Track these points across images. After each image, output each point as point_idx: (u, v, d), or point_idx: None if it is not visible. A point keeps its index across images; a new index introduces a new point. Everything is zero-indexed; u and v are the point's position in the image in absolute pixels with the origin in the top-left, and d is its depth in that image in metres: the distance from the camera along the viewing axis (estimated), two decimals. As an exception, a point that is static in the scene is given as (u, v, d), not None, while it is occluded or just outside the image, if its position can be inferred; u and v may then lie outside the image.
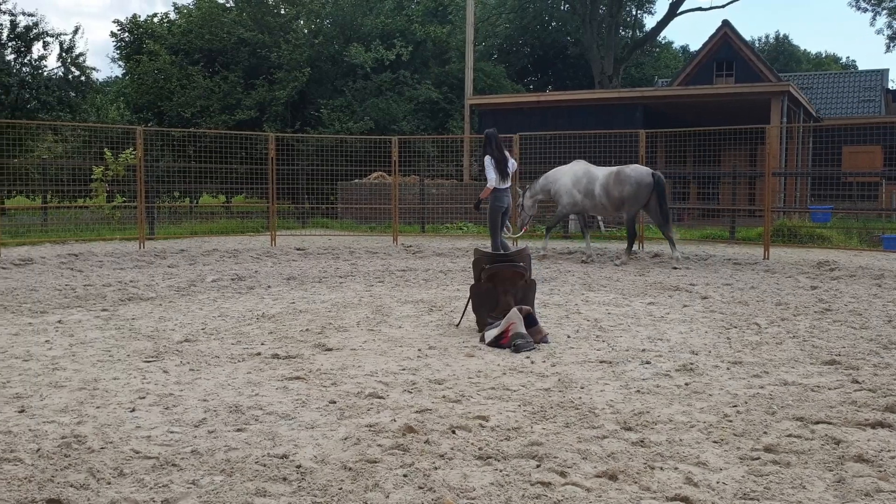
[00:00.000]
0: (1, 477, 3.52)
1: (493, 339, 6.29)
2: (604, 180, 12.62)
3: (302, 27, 27.72)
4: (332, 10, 26.96)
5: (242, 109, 24.99)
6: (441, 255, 14.07)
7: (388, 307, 8.26)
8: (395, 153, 16.84)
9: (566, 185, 12.84)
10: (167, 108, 25.57)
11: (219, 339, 6.61)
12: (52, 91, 27.41)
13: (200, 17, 27.30)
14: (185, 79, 25.48)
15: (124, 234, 16.35)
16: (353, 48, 25.51)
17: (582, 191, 12.76)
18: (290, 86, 25.04)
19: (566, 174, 12.94)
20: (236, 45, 26.44)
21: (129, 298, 8.85)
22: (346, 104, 25.76)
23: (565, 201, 12.90)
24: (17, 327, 7.05)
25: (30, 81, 27.28)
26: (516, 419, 4.37)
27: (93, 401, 4.72)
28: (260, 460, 3.72)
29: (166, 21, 29.44)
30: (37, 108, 26.83)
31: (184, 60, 26.19)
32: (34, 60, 27.97)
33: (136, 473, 3.57)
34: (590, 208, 13.01)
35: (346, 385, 5.08)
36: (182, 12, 29.46)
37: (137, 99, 27.06)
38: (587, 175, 12.83)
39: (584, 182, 12.76)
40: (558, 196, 12.95)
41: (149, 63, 26.00)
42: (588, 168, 13.01)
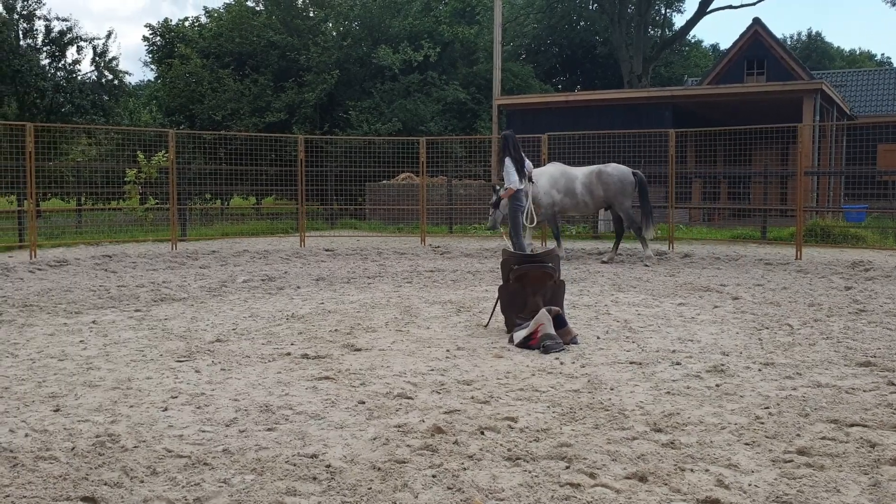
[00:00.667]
0: (37, 475, 3.58)
1: (521, 340, 6.28)
2: (585, 179, 12.89)
3: (330, 30, 27.87)
4: (360, 12, 27.07)
5: (272, 112, 25.19)
6: (469, 256, 14.07)
7: (417, 308, 8.28)
8: (422, 154, 16.86)
9: (544, 186, 12.80)
10: (198, 111, 25.85)
11: (249, 339, 6.67)
12: (85, 95, 27.85)
13: (231, 20, 27.57)
14: (215, 82, 25.74)
15: (157, 235, 16.56)
16: (381, 50, 25.60)
17: (561, 190, 12.86)
18: (319, 88, 25.19)
19: (542, 176, 12.89)
20: (266, 49, 26.65)
21: (161, 299, 8.96)
22: (374, 106, 25.86)
23: (545, 202, 12.82)
24: (52, 327, 7.17)
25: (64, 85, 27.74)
26: (545, 420, 4.36)
27: (126, 400, 4.79)
28: (290, 460, 3.75)
29: (197, 25, 29.77)
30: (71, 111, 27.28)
31: (214, 64, 26.46)
32: (68, 65, 28.45)
33: (168, 472, 3.62)
34: (570, 207, 13.13)
35: (374, 385, 5.10)
36: (213, 16, 29.78)
37: (169, 102, 27.39)
38: (565, 175, 13.00)
39: (563, 182, 12.89)
40: (537, 198, 12.84)
41: (180, 67, 26.30)
42: (564, 168, 13.25)
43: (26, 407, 4.64)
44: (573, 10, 40.71)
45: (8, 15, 26.96)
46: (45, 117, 26.26)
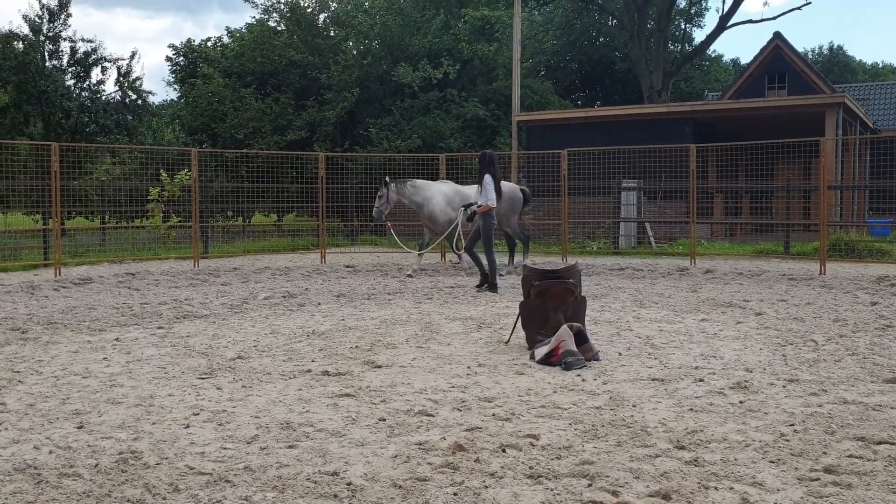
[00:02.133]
0: (60, 491, 3.60)
1: (543, 356, 6.25)
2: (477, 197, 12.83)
3: (351, 48, 28.08)
4: (380, 31, 27.25)
5: (293, 130, 25.37)
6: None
7: (437, 324, 8.27)
8: (442, 170, 16.90)
9: (439, 204, 13.15)
10: (221, 130, 26.10)
11: (270, 356, 6.70)
12: (110, 115, 28.21)
13: (252, 40, 27.86)
14: (237, 101, 25.99)
15: (179, 253, 16.69)
16: (400, 68, 25.74)
17: (456, 208, 13.01)
18: (340, 106, 25.36)
19: (437, 194, 13.25)
20: (287, 68, 26.89)
21: (183, 316, 9.02)
22: (394, 123, 25.98)
23: (441, 220, 13.13)
24: (76, 345, 7.23)
25: (89, 105, 28.12)
26: (567, 438, 4.33)
27: (149, 417, 4.82)
28: (311, 477, 3.75)
29: (220, 45, 30.11)
30: (95, 131, 27.63)
31: (237, 83, 26.73)
32: (93, 85, 28.83)
33: (190, 489, 3.63)
34: (464, 224, 13.10)
35: (395, 402, 5.09)
36: (235, 36, 30.11)
37: (192, 121, 27.67)
38: (458, 193, 13.30)
39: (458, 200, 13.10)
40: (433, 216, 13.20)
41: (203, 86, 26.59)
42: (456, 186, 13.62)
43: (50, 424, 4.67)
44: (592, 27, 40.77)
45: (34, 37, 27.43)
46: (70, 137, 26.62)
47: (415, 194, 13.28)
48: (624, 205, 18.66)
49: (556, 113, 26.15)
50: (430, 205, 13.17)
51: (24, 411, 4.94)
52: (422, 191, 13.32)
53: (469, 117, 26.69)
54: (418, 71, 25.77)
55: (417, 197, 13.27)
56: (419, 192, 13.30)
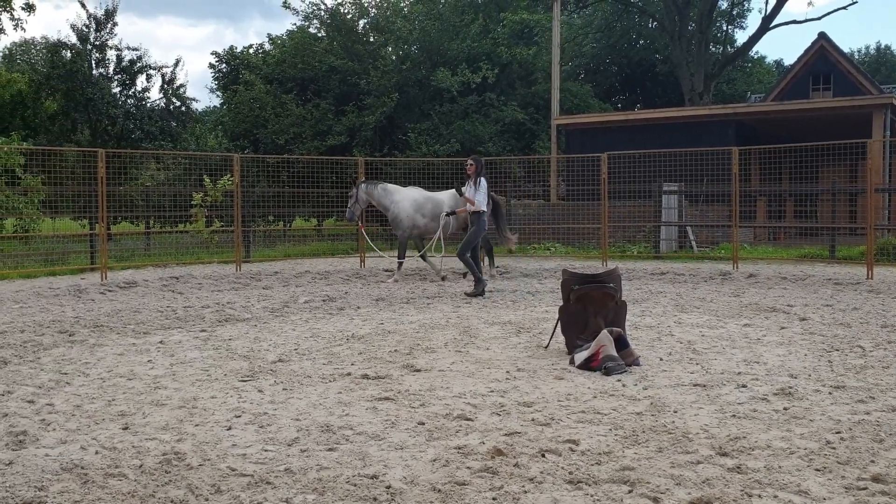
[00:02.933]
0: (106, 491, 3.67)
1: (583, 361, 6.21)
2: (452, 203, 13.04)
3: (390, 54, 28.22)
4: (419, 36, 27.35)
5: (333, 135, 25.57)
6: (528, 276, 14.01)
7: (476, 328, 8.27)
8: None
9: (406, 209, 13.10)
10: (262, 136, 26.41)
11: (311, 359, 6.75)
12: (154, 121, 28.70)
13: (293, 46, 28.15)
14: (279, 107, 26.27)
15: (222, 257, 16.92)
16: (439, 72, 25.80)
17: (428, 215, 13.06)
18: (379, 111, 25.49)
19: (406, 199, 13.15)
20: (327, 73, 27.12)
21: (226, 319, 9.14)
22: (432, 127, 26.04)
23: (406, 225, 13.12)
24: (121, 347, 7.37)
25: (134, 113, 28.65)
26: (607, 443, 4.29)
27: (192, 419, 4.89)
28: (351, 480, 3.77)
29: (261, 52, 30.48)
30: (140, 137, 28.14)
31: (278, 89, 27.02)
32: (138, 92, 29.36)
33: (232, 490, 3.67)
34: (435, 230, 13.13)
35: (434, 406, 5.10)
36: (276, 43, 30.45)
37: (234, 127, 28.03)
38: (430, 200, 13.23)
39: (430, 207, 13.11)
40: (396, 220, 13.13)
41: (245, 92, 26.93)
42: (427, 193, 13.48)
43: (97, 425, 4.77)
44: (632, 29, 40.44)
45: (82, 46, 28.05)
46: (116, 143, 27.14)
47: (383, 197, 13.25)
48: (665, 208, 18.47)
49: (596, 116, 25.99)
50: (397, 209, 13.12)
51: (71, 412, 5.04)
52: (391, 194, 13.27)
53: (508, 121, 26.65)
54: (457, 75, 25.81)
55: (386, 200, 13.23)
56: (388, 195, 13.26)
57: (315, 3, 29.11)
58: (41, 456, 4.16)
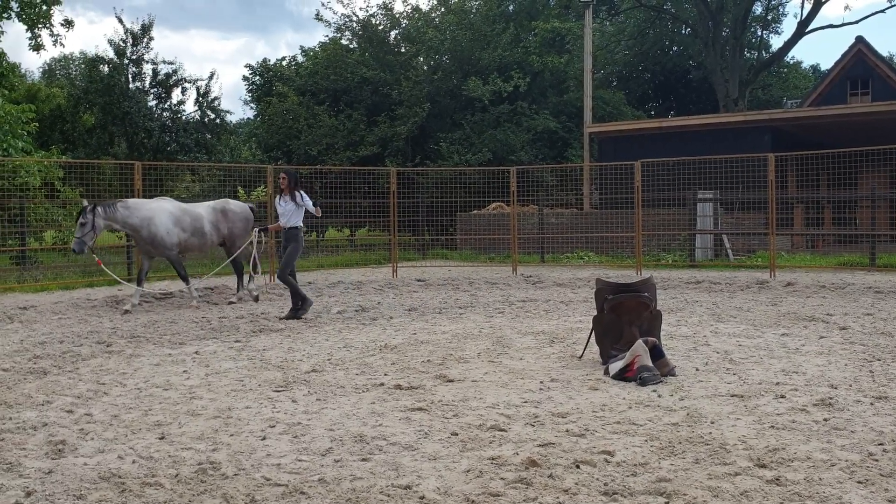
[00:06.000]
0: (143, 500, 3.71)
1: (617, 371, 6.16)
2: (212, 217, 12.02)
3: (421, 64, 28.34)
4: (450, 45, 27.43)
5: (365, 146, 25.73)
6: (562, 286, 13.93)
7: (509, 338, 8.23)
8: (513, 183, 16.88)
9: (165, 224, 11.39)
10: (295, 147, 26.65)
11: (344, 369, 6.77)
12: (189, 134, 29.15)
13: (326, 58, 28.40)
14: (311, 118, 26.50)
15: (255, 267, 17.06)
16: (471, 82, 25.85)
17: (188, 229, 11.66)
18: (411, 121, 25.60)
19: (161, 213, 11.43)
20: (359, 84, 27.31)
21: (260, 330, 9.21)
22: (464, 137, 26.08)
23: (168, 242, 11.40)
24: (157, 358, 7.46)
25: (170, 125, 29.13)
26: (643, 454, 4.24)
27: (227, 429, 4.92)
28: (384, 490, 3.77)
29: (294, 64, 30.80)
30: (176, 150, 28.59)
31: (310, 101, 27.26)
32: (174, 105, 29.87)
33: (266, 500, 3.69)
34: (197, 247, 12.09)
35: (467, 417, 5.08)
36: (308, 55, 30.77)
37: (268, 139, 28.34)
38: (188, 213, 11.81)
39: (189, 220, 11.70)
40: (156, 239, 11.30)
41: (278, 104, 27.21)
42: (184, 206, 12.07)
43: (133, 434, 4.82)
44: (665, 36, 40.16)
45: (119, 60, 28.59)
46: (153, 156, 27.59)
47: (129, 216, 11.14)
48: (700, 216, 18.28)
49: (629, 124, 25.83)
50: (152, 226, 11.24)
51: (108, 422, 5.11)
52: (138, 211, 11.24)
53: (540, 130, 26.60)
54: (488, 84, 25.84)
55: (133, 219, 11.16)
56: (134, 213, 11.19)
57: (347, 15, 29.40)
58: (80, 465, 4.22)
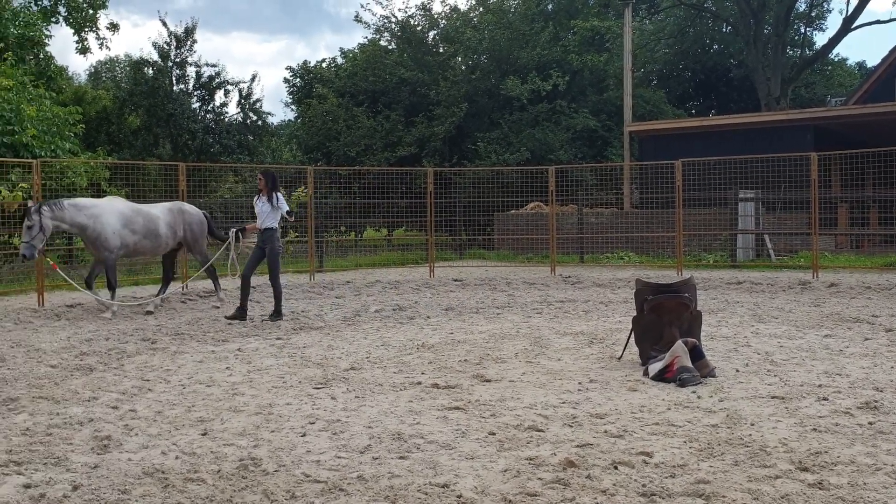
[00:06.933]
0: (185, 495, 3.78)
1: (657, 372, 6.12)
2: (168, 218, 11.39)
3: (459, 64, 28.36)
4: (488, 45, 27.40)
5: (403, 146, 25.82)
6: (601, 286, 13.84)
7: (547, 339, 8.22)
8: (551, 183, 16.82)
9: (113, 225, 10.70)
10: (334, 148, 26.85)
11: (382, 367, 6.82)
12: (232, 135, 29.52)
13: (364, 60, 28.58)
14: (350, 119, 26.68)
15: (296, 267, 17.25)
16: (509, 81, 25.79)
17: (140, 231, 10.97)
18: (449, 121, 25.63)
19: (107, 212, 10.73)
20: (398, 85, 27.42)
21: (300, 328, 9.32)
22: (502, 136, 26.03)
23: (113, 244, 10.67)
24: (201, 355, 7.59)
25: (213, 127, 29.53)
26: (682, 456, 4.21)
27: (268, 425, 5.00)
28: (422, 488, 3.80)
29: (334, 66, 31.04)
30: (219, 151, 28.97)
31: (349, 102, 27.45)
32: (216, 107, 30.26)
33: (306, 497, 3.74)
34: (149, 249, 11.39)
35: (505, 417, 5.09)
36: (348, 56, 30.99)
37: (308, 140, 28.59)
38: (142, 214, 11.11)
39: (142, 222, 11.01)
40: (101, 239, 10.59)
41: (318, 106, 27.44)
42: (136, 206, 11.35)
43: (177, 430, 4.92)
44: (706, 34, 39.65)
45: (163, 63, 29.07)
46: (196, 157, 27.99)
47: (76, 215, 10.50)
48: (741, 216, 18.03)
49: (670, 122, 25.57)
50: (98, 224, 10.57)
51: (152, 418, 5.22)
52: (86, 210, 10.62)
53: (579, 128, 26.45)
54: (527, 83, 25.76)
55: (81, 218, 10.52)
56: (83, 211, 10.57)
57: (386, 17, 29.53)
58: (124, 460, 4.32)
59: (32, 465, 4.21)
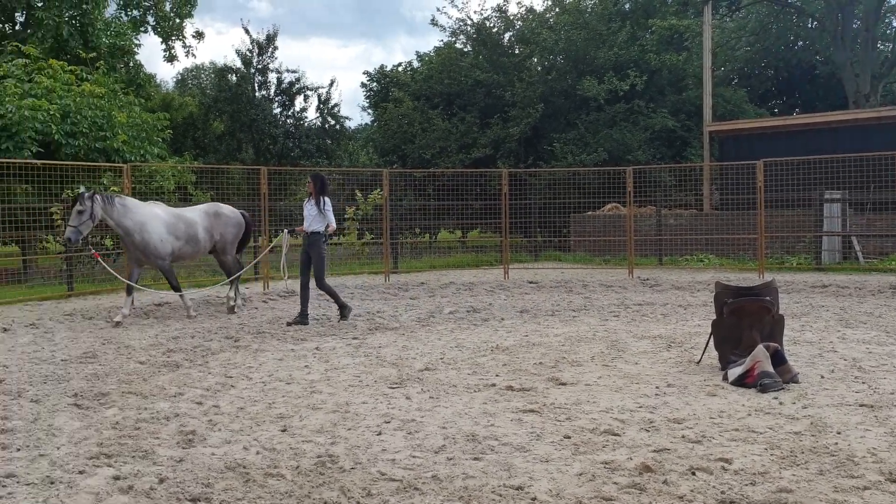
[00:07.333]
0: (265, 490, 3.89)
1: (737, 377, 5.98)
2: (206, 222, 11.08)
3: (535, 65, 28.26)
4: (564, 45, 27.21)
5: (478, 148, 25.88)
6: (680, 289, 13.58)
7: (624, 342, 8.11)
8: (629, 184, 16.59)
9: (159, 232, 10.40)
10: (410, 151, 27.10)
11: (456, 368, 6.86)
12: (311, 140, 30.15)
13: (440, 62, 28.76)
14: (425, 122, 26.89)
15: (371, 268, 17.48)
16: (585, 81, 25.56)
17: (182, 237, 10.67)
18: (524, 122, 25.56)
19: (152, 219, 10.44)
20: (473, 87, 27.50)
21: (376, 328, 9.45)
22: (578, 137, 25.82)
23: (163, 251, 10.41)
24: (281, 353, 7.78)
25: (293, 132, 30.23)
26: (762, 463, 4.11)
27: (345, 423, 5.09)
28: (496, 490, 3.81)
29: (410, 69, 31.34)
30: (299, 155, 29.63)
31: (425, 105, 27.67)
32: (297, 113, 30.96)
33: (382, 495, 3.80)
34: (190, 255, 11.09)
35: (580, 420, 5.06)
36: (423, 60, 31.24)
37: (384, 143, 28.96)
38: (182, 219, 10.82)
39: (183, 227, 10.72)
40: (148, 247, 10.27)
41: (394, 109, 27.76)
42: (176, 211, 11.08)
43: (258, 426, 5.06)
44: (789, 30, 38.40)
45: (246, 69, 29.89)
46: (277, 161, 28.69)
47: (124, 216, 10.18)
48: (827, 217, 17.42)
49: (751, 122, 24.91)
50: (145, 233, 10.26)
51: (235, 414, 5.37)
52: (133, 213, 10.28)
53: (657, 129, 26.02)
54: (604, 83, 25.50)
55: (127, 220, 10.19)
56: (129, 214, 10.24)
57: (461, 19, 29.65)
58: (207, 454, 4.46)
59: (121, 458, 4.40)
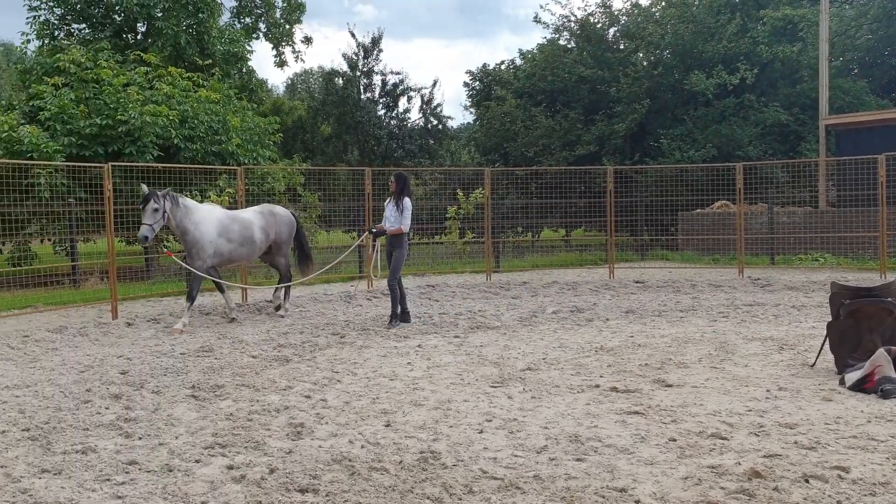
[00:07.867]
0: (370, 483, 3.98)
1: (855, 382, 5.70)
2: (262, 223, 10.79)
3: (641, 60, 27.69)
4: (671, 40, 26.54)
5: (582, 145, 25.57)
6: (793, 289, 13.03)
7: (733, 344, 7.86)
8: (739, 180, 16.03)
9: (210, 234, 10.18)
10: (512, 149, 27.04)
11: (558, 369, 6.81)
12: (414, 140, 30.56)
13: (543, 59, 28.56)
14: (528, 120, 26.76)
15: (473, 267, 17.55)
16: (693, 76, 24.86)
17: (237, 239, 10.43)
18: (629, 118, 25.10)
19: (209, 222, 10.25)
20: (576, 84, 27.20)
21: (477, 326, 9.48)
22: (686, 133, 25.14)
23: (206, 253, 10.12)
24: (384, 350, 7.93)
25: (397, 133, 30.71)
26: (883, 473, 3.91)
27: (446, 420, 5.14)
28: (598, 491, 3.77)
29: (512, 67, 31.28)
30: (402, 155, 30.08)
31: (528, 103, 27.54)
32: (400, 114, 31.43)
33: (483, 492, 3.82)
34: (245, 256, 10.76)
35: (686, 423, 4.94)
36: (526, 57, 31.11)
37: (486, 142, 29.00)
38: (237, 221, 10.57)
39: (238, 229, 10.47)
40: (198, 246, 10.07)
41: (496, 108, 27.76)
42: (232, 213, 10.79)
43: (362, 421, 5.17)
44: (918, 15, 36.27)
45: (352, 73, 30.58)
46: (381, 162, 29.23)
47: (185, 218, 10.05)
48: (958, 214, 16.34)
49: (873, 114, 23.62)
50: (198, 232, 10.10)
51: (341, 408, 5.52)
52: (192, 215, 10.15)
53: (769, 123, 25.05)
54: (712, 78, 24.75)
55: (187, 221, 10.07)
56: (189, 216, 10.11)
57: (565, 16, 29.36)
58: (315, 447, 4.60)
59: (234, 448, 4.59)
